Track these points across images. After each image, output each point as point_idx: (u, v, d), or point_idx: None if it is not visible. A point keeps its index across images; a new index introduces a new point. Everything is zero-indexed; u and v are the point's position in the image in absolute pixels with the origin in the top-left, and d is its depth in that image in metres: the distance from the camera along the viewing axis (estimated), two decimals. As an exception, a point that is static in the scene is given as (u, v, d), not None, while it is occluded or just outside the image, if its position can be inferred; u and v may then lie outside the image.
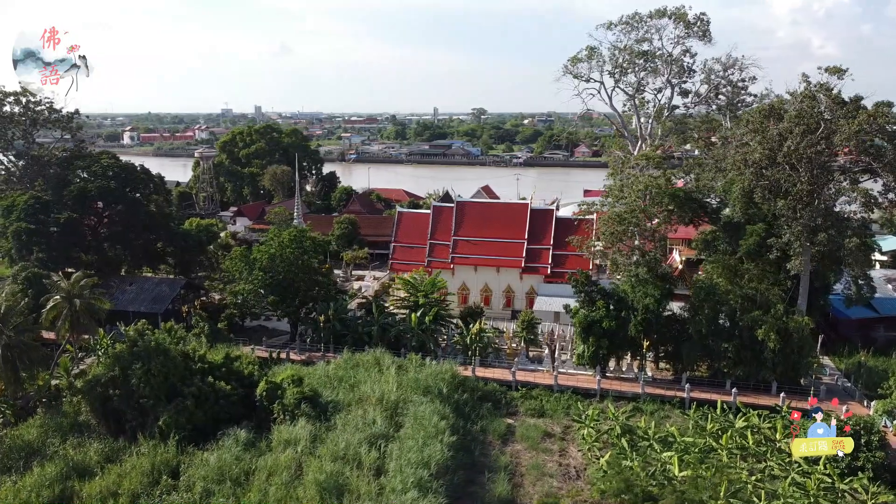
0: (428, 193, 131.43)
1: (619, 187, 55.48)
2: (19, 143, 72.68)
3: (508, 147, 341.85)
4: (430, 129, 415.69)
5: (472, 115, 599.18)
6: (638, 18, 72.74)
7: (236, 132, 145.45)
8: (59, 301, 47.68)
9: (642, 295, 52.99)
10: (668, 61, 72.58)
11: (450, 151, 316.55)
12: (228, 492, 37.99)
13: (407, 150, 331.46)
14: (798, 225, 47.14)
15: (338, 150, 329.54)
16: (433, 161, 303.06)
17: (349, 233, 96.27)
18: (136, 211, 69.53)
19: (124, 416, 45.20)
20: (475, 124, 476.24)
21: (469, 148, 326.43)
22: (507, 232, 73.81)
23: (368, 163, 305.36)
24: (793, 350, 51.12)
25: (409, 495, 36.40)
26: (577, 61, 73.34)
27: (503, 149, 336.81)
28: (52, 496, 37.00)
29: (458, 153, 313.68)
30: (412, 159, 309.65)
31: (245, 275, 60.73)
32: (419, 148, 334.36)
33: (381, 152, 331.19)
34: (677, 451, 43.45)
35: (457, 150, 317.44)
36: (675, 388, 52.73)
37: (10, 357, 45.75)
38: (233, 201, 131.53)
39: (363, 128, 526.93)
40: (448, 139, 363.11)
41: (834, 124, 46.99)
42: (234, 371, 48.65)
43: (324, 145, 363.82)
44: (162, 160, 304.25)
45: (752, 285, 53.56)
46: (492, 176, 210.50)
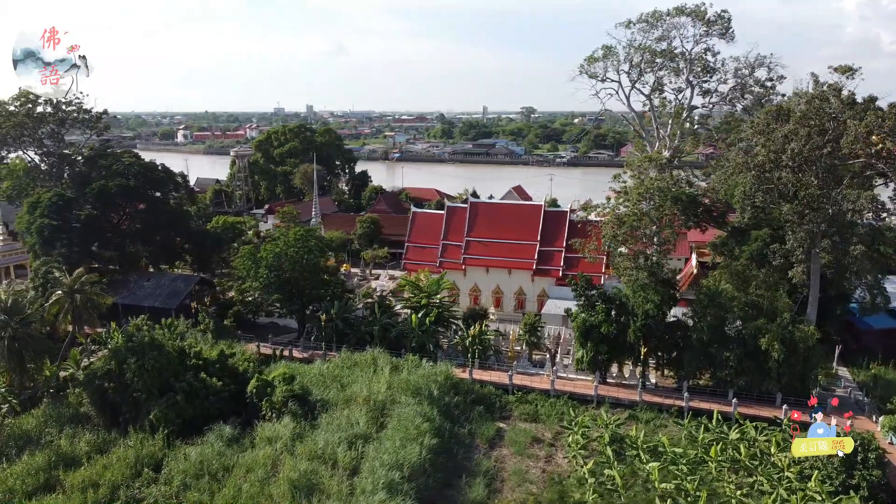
0: (458, 193, 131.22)
1: (623, 189, 54.29)
2: (49, 142, 75.49)
3: (553, 146, 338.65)
4: (475, 127, 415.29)
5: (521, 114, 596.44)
6: (657, 16, 70.93)
7: (272, 132, 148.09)
8: (61, 296, 49.44)
9: (642, 300, 51.77)
10: (688, 60, 70.53)
11: (493, 151, 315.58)
12: (205, 486, 38.72)
13: (450, 150, 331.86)
14: (801, 231, 45.24)
15: (382, 148, 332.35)
16: (475, 160, 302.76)
17: (371, 232, 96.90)
18: (155, 209, 71.50)
19: (119, 408, 46.58)
20: (523, 123, 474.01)
21: (513, 147, 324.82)
22: (519, 233, 73.13)
23: (412, 161, 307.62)
24: (798, 361, 49.19)
25: (377, 496, 36.40)
26: (593, 60, 71.91)
27: (548, 148, 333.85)
28: (37, 484, 38.36)
29: (501, 152, 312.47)
30: (455, 158, 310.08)
31: (252, 273, 61.77)
32: (462, 147, 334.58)
33: (424, 151, 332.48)
34: (665, 462, 42.45)
35: (500, 150, 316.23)
36: (673, 396, 51.36)
37: (15, 348, 47.62)
38: (267, 199, 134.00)
39: (411, 126, 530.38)
40: (493, 138, 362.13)
41: (842, 126, 44.94)
42: (229, 367, 49.53)
43: (369, 144, 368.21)
44: (212, 157, 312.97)
45: (758, 292, 51.75)
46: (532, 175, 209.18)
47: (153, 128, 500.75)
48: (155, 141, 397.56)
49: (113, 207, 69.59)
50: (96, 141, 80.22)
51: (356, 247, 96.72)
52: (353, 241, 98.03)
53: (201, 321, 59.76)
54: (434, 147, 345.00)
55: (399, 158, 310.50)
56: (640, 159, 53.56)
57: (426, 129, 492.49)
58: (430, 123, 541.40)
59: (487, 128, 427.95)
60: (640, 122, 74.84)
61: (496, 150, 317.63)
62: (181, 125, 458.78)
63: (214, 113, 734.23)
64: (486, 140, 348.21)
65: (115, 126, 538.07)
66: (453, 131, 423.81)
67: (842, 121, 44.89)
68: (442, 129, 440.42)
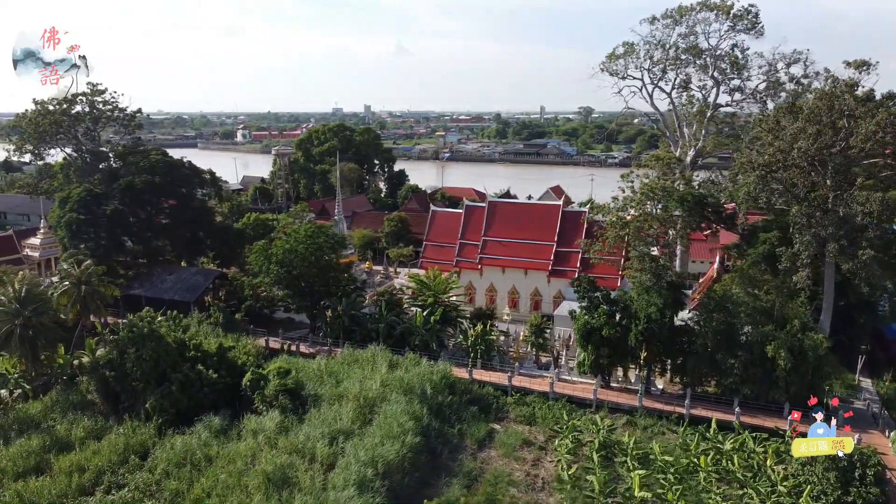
0: (494, 193, 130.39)
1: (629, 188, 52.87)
2: (85, 140, 78.59)
3: (607, 147, 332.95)
4: (528, 127, 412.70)
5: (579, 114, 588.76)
6: (682, 11, 68.88)
7: (313, 130, 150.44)
8: (69, 287, 51.41)
9: (645, 303, 50.30)
10: (714, 56, 68.23)
11: (544, 151, 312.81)
12: (186, 475, 39.62)
13: (501, 149, 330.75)
14: (808, 234, 43.06)
15: (432, 148, 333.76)
16: (526, 160, 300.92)
17: (398, 230, 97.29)
18: (180, 204, 73.60)
19: (119, 397, 48.12)
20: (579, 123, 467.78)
21: (564, 147, 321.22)
22: (536, 233, 72.15)
23: (461, 161, 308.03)
24: (807, 370, 46.83)
25: (346, 492, 36.51)
26: (614, 58, 70.38)
27: (602, 149, 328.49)
28: (28, 466, 39.97)
29: (552, 152, 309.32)
30: (505, 158, 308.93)
31: (264, 268, 62.80)
32: (513, 147, 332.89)
33: (474, 151, 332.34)
34: (653, 470, 41.21)
35: (551, 150, 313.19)
36: (674, 403, 49.69)
37: (27, 336, 49.75)
38: (306, 197, 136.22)
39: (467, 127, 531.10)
40: (546, 138, 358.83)
41: (855, 123, 42.55)
42: (227, 360, 50.53)
43: (421, 144, 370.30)
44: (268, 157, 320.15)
45: (768, 297, 49.60)
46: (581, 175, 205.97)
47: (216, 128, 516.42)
48: (215, 140, 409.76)
49: (139, 203, 71.91)
50: (129, 139, 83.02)
51: (383, 245, 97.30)
52: (381, 239, 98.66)
53: (212, 314, 61.11)
54: (485, 147, 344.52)
55: (449, 158, 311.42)
56: (648, 158, 51.94)
57: (481, 129, 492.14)
58: (486, 123, 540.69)
59: (541, 128, 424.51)
60: (665, 121, 72.89)
61: (547, 150, 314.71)
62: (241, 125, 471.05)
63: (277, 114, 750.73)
64: (538, 140, 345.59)
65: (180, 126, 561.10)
66: (507, 131, 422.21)
67: (855, 118, 42.48)
68: (496, 129, 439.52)
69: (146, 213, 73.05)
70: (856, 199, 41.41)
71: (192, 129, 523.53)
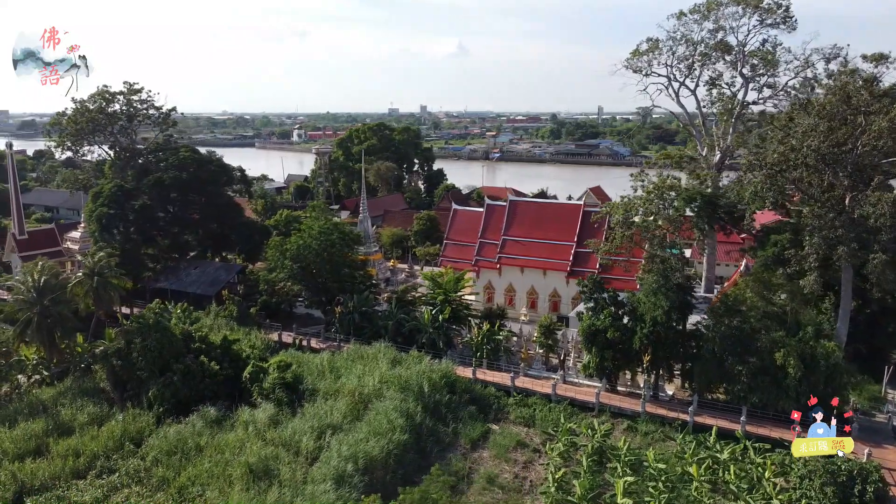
0: (530, 193, 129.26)
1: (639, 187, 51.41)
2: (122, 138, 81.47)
3: (662, 147, 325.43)
4: (583, 128, 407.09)
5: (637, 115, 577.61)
6: (710, 6, 66.47)
7: (353, 130, 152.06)
8: (82, 278, 53.28)
9: (651, 306, 48.80)
10: (743, 52, 65.60)
11: (595, 151, 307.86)
12: (175, 463, 40.46)
13: (553, 150, 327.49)
14: (817, 236, 40.92)
15: (483, 148, 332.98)
16: (577, 161, 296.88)
17: (427, 229, 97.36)
18: (207, 201, 75.46)
19: (126, 385, 49.58)
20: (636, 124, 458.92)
21: (617, 148, 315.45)
22: (556, 233, 71.01)
23: (511, 161, 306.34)
24: (819, 379, 44.50)
25: (322, 486, 36.65)
26: (638, 54, 68.44)
27: (657, 149, 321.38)
28: (29, 449, 41.54)
29: (604, 153, 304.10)
30: (556, 159, 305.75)
31: (280, 263, 63.76)
32: (565, 147, 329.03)
33: (525, 151, 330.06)
34: (643, 478, 39.93)
35: (603, 150, 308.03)
36: (678, 409, 48.05)
37: (44, 324, 51.79)
38: (345, 195, 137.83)
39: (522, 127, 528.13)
40: (600, 139, 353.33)
41: (869, 120, 40.20)
42: (231, 353, 51.40)
43: (472, 144, 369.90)
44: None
45: (783, 301, 47.39)
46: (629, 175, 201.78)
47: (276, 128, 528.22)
48: (272, 140, 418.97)
49: (167, 198, 74.04)
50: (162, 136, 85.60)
51: (412, 243, 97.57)
52: (410, 237, 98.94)
53: (227, 308, 62.39)
54: (536, 147, 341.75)
55: (499, 158, 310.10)
56: (658, 156, 50.33)
57: (536, 129, 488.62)
58: (541, 124, 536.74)
59: (595, 128, 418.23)
60: (690, 119, 70.56)
61: (599, 150, 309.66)
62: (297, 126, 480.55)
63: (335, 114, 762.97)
64: (591, 140, 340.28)
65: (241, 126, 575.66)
66: (561, 132, 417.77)
67: (869, 114, 40.14)
68: (550, 130, 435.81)
69: (174, 208, 75.11)
70: (867, 201, 39.10)
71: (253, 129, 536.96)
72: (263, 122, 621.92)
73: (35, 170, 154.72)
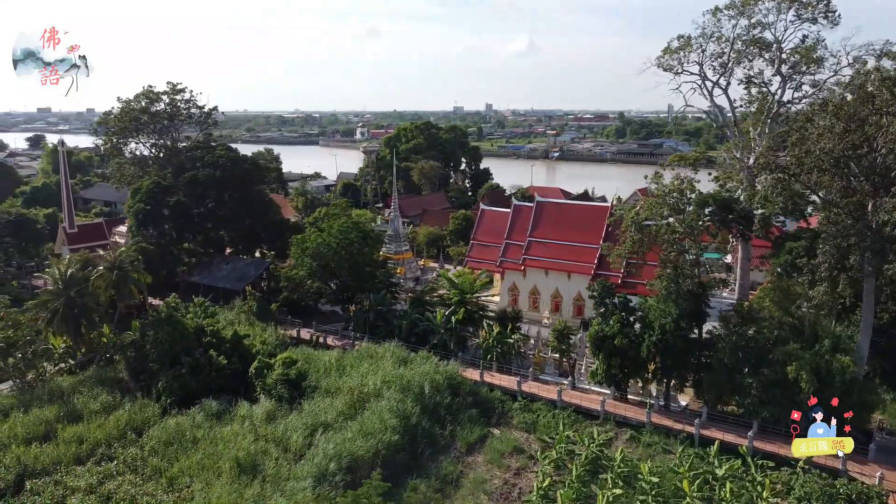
0: (576, 193, 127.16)
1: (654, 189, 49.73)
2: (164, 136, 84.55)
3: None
4: (648, 127, 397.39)
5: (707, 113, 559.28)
6: (746, 2, 63.70)
7: (400, 128, 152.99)
8: (103, 271, 55.43)
9: (660, 313, 47.15)
10: (781, 49, 62.63)
11: (658, 151, 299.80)
12: (171, 454, 41.59)
13: (615, 149, 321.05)
14: (828, 244, 38.57)
15: (543, 147, 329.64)
16: (639, 160, 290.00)
17: (463, 228, 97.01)
18: (240, 198, 77.38)
19: (140, 376, 51.35)
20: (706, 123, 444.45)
21: (682, 147, 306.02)
22: (582, 235, 69.35)
23: (571, 161, 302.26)
24: (835, 394, 41.91)
25: (303, 483, 36.98)
26: (669, 52, 66.21)
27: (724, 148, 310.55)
28: (39, 433, 43.48)
29: (668, 153, 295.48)
30: (618, 158, 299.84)
31: (300, 261, 64.75)
32: (628, 146, 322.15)
33: (585, 150, 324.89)
34: (632, 491, 38.64)
35: (666, 150, 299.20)
36: (683, 421, 46.25)
37: (70, 315, 54.21)
38: (390, 194, 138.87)
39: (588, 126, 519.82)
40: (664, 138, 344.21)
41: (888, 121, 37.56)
42: (242, 347, 52.51)
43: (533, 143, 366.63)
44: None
45: (800, 312, 44.95)
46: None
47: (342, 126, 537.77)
48: (336, 138, 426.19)
49: (201, 195, 76.31)
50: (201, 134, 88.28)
51: (447, 243, 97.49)
52: (446, 236, 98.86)
53: (248, 303, 63.80)
54: (597, 146, 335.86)
55: (559, 157, 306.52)
56: (672, 158, 48.56)
57: (602, 128, 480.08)
58: (608, 122, 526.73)
59: (661, 127, 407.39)
60: (724, 119, 67.88)
61: (662, 149, 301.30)
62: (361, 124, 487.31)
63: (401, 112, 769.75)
64: (654, 140, 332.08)
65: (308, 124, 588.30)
66: (626, 130, 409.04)
67: (886, 115, 37.51)
68: (615, 129, 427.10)
69: (208, 205, 77.33)
70: (884, 207, 36.60)
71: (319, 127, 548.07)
72: (331, 121, 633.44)
73: (100, 166, 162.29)
